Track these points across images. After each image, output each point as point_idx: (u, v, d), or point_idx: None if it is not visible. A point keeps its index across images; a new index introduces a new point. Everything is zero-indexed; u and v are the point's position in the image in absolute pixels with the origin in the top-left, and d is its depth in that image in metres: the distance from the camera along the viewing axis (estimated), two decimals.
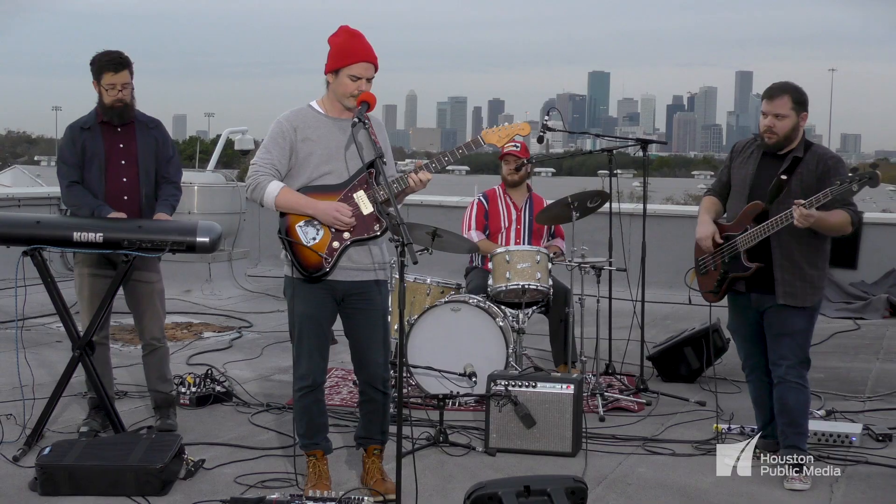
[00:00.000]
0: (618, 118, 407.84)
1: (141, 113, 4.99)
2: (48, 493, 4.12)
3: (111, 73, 4.80)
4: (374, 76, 4.06)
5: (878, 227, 9.63)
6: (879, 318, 8.74)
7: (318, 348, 4.12)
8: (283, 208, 4.01)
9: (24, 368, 5.05)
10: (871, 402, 5.88)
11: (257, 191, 4.00)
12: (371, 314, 4.13)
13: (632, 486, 4.38)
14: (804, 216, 4.16)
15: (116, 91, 4.81)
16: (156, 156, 4.95)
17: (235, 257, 9.79)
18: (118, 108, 4.84)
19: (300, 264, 4.01)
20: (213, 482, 4.32)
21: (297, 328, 4.12)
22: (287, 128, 4.04)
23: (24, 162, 54.02)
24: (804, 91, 4.42)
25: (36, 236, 4.72)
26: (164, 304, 5.12)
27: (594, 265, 5.89)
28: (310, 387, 4.13)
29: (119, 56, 4.84)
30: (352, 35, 4.04)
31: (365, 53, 4.00)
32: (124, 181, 4.88)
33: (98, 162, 4.85)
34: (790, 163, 4.41)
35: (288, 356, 6.75)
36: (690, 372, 6.26)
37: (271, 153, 4.03)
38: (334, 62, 4.02)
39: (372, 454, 4.28)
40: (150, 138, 4.95)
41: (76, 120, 4.98)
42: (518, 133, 4.20)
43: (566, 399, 4.80)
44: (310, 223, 4.00)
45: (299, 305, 4.08)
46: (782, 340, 4.45)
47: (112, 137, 4.89)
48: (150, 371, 5.08)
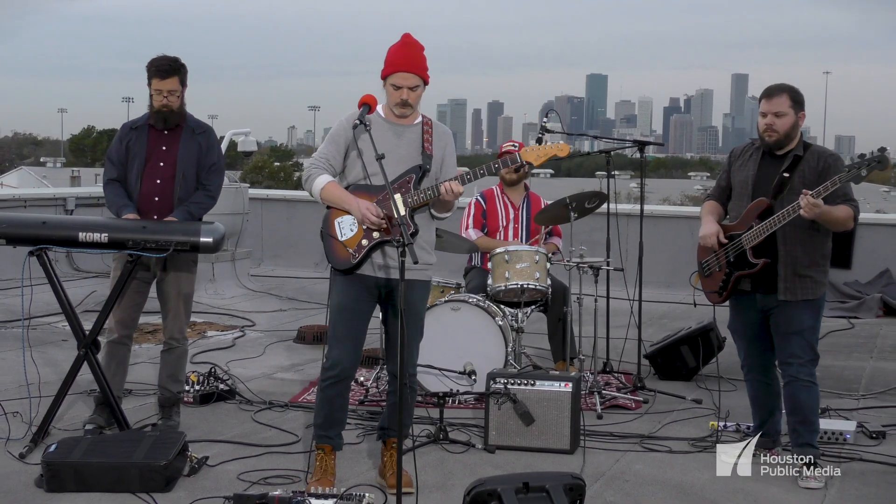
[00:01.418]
0: (615, 120, 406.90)
1: (192, 117, 5.04)
2: (54, 489, 4.14)
3: (158, 79, 4.86)
4: (422, 87, 4.15)
5: (872, 228, 9.66)
6: (873, 317, 8.80)
7: (349, 338, 4.18)
8: (326, 201, 4.18)
9: (30, 367, 5.10)
10: (864, 400, 5.92)
11: (308, 182, 4.19)
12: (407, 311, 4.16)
13: (629, 483, 4.40)
14: (811, 205, 4.18)
15: (163, 97, 4.87)
16: (198, 161, 4.99)
17: (238, 257, 9.83)
18: (164, 113, 4.90)
19: (331, 257, 4.17)
20: (216, 479, 4.34)
21: (331, 318, 4.22)
22: (347, 126, 4.16)
23: (30, 163, 53.90)
24: (800, 91, 4.47)
25: (42, 237, 4.75)
26: (189, 307, 5.13)
27: (592, 265, 5.91)
28: (336, 377, 4.17)
29: (169, 63, 4.89)
30: (402, 45, 4.16)
31: (406, 64, 4.10)
32: (158, 182, 4.92)
33: (138, 162, 4.91)
34: (791, 161, 4.44)
35: (290, 355, 6.85)
36: (687, 370, 6.29)
37: (329, 148, 4.21)
38: (384, 70, 4.16)
39: (391, 447, 4.31)
40: (195, 144, 4.98)
41: (130, 119, 5.08)
42: (556, 154, 4.25)
43: (564, 397, 4.82)
44: (347, 220, 4.13)
45: (336, 297, 4.20)
46: (792, 339, 4.47)
47: (156, 139, 4.95)
48: (164, 368, 5.10)
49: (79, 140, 78.98)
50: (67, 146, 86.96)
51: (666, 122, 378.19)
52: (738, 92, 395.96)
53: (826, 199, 4.22)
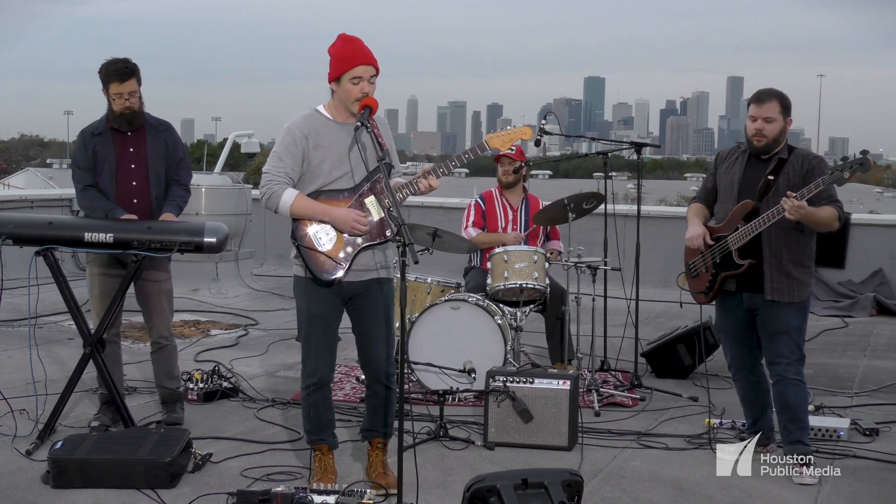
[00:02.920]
0: (613, 122, 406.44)
1: (151, 116, 5.03)
2: (60, 485, 4.16)
3: (117, 83, 4.84)
4: (376, 77, 4.08)
5: (865, 228, 9.69)
6: (867, 315, 8.85)
7: (325, 346, 4.18)
8: (299, 216, 4.04)
9: (36, 365, 5.13)
10: (858, 397, 5.95)
11: (272, 199, 4.02)
12: (375, 312, 4.20)
13: (626, 479, 4.43)
14: (795, 207, 4.24)
15: (124, 100, 4.86)
16: (165, 158, 4.99)
17: (242, 257, 9.90)
18: (126, 115, 4.89)
19: (315, 269, 4.05)
20: (220, 475, 4.37)
21: (305, 327, 4.17)
22: (299, 136, 4.07)
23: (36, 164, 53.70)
24: (789, 97, 4.53)
25: (48, 237, 4.77)
26: (171, 304, 5.17)
27: (590, 265, 5.95)
28: (317, 384, 4.18)
29: (125, 65, 4.87)
30: (348, 41, 4.09)
31: (362, 56, 4.04)
32: (134, 184, 4.93)
33: (109, 166, 4.91)
34: (776, 164, 4.51)
35: (292, 353, 6.86)
36: (683, 368, 6.34)
37: (284, 161, 4.06)
38: (335, 70, 4.06)
39: (376, 447, 4.33)
40: (160, 141, 5.00)
41: (88, 125, 5.02)
42: (520, 137, 4.24)
43: (563, 395, 4.85)
44: (321, 229, 4.05)
45: (308, 305, 4.13)
46: (779, 339, 4.51)
47: (122, 142, 4.95)
48: (158, 368, 5.15)
49: None
50: (73, 148, 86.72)
51: (662, 124, 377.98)
52: (734, 94, 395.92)
53: (811, 201, 4.28)
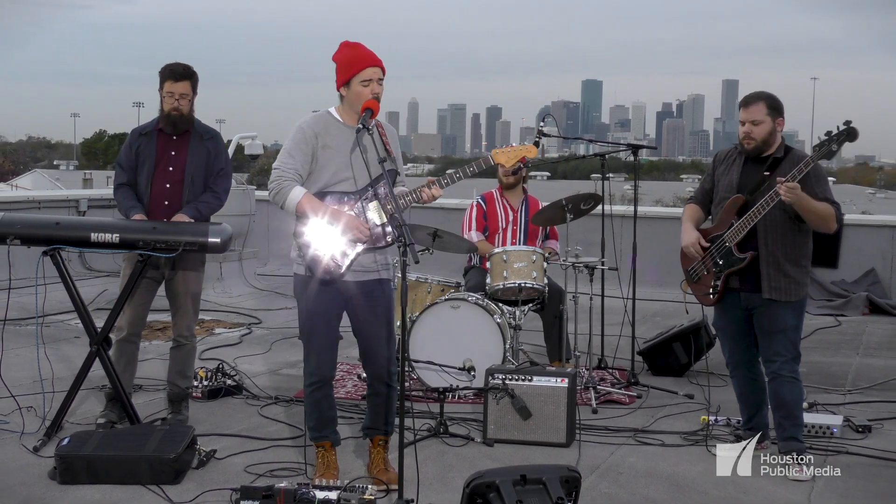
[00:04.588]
0: (610, 124, 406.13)
1: (200, 123, 5.11)
2: (67, 481, 4.21)
3: (171, 82, 4.95)
4: (384, 78, 4.16)
5: (858, 228, 9.74)
6: (859, 314, 8.91)
7: (327, 345, 4.23)
8: (304, 214, 4.10)
9: (44, 363, 5.18)
10: (851, 395, 6.01)
11: (280, 195, 4.08)
12: (376, 312, 4.25)
13: (623, 475, 4.48)
14: (790, 188, 4.28)
15: (174, 99, 4.95)
16: (206, 166, 5.06)
17: (245, 257, 9.97)
18: (174, 117, 4.97)
19: (315, 267, 4.12)
20: (224, 471, 4.42)
21: (307, 325, 4.23)
22: (310, 134, 4.14)
23: (44, 166, 53.76)
24: (778, 98, 4.58)
25: (55, 237, 4.83)
26: (197, 305, 5.21)
27: (587, 264, 6.01)
28: (319, 382, 4.24)
29: (183, 67, 4.99)
30: (352, 46, 4.17)
31: (369, 59, 4.12)
32: (167, 187, 5.00)
33: (148, 166, 4.99)
34: (770, 163, 4.57)
35: (295, 351, 6.90)
36: (679, 366, 6.39)
37: (294, 158, 4.13)
38: (344, 75, 4.13)
39: (377, 444, 4.38)
40: (203, 149, 5.06)
41: (139, 125, 5.15)
42: (525, 154, 4.30)
43: (561, 392, 4.90)
44: (325, 228, 4.09)
45: (309, 303, 4.19)
46: (776, 337, 4.55)
47: (165, 144, 5.03)
48: (173, 365, 5.19)
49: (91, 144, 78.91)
50: (80, 150, 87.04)
51: (659, 126, 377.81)
52: (729, 97, 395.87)
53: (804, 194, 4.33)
